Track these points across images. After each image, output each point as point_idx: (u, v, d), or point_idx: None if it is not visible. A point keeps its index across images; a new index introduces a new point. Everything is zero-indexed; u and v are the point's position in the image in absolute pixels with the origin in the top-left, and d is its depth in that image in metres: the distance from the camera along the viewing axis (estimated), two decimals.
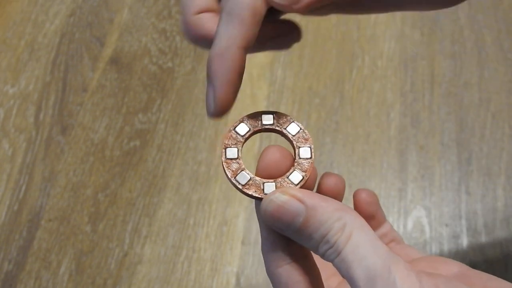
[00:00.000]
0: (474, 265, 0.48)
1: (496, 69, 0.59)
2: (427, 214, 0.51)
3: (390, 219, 0.51)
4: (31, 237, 0.50)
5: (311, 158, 0.24)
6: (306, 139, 0.25)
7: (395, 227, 0.50)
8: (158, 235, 0.50)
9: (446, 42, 0.61)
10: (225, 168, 0.24)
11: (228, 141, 0.25)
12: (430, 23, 0.62)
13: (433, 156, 0.54)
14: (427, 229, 0.50)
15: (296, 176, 0.24)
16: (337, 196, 0.27)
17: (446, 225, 0.50)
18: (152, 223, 0.51)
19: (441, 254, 0.49)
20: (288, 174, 0.24)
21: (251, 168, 0.24)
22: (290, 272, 0.23)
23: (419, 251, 0.29)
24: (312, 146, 0.25)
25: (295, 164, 0.24)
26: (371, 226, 0.29)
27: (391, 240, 0.29)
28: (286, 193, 0.23)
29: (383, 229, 0.29)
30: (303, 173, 0.24)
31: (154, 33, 0.62)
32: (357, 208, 0.29)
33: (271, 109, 0.57)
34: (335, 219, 0.22)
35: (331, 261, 0.22)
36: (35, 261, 0.49)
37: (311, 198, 0.22)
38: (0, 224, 0.51)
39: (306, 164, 0.24)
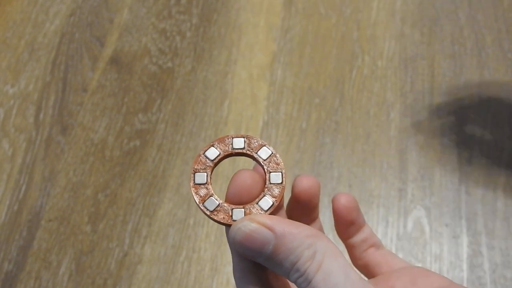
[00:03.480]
0: (474, 266, 0.48)
1: (496, 69, 0.59)
2: (427, 214, 0.51)
3: (390, 219, 0.51)
4: (31, 237, 0.50)
5: (282, 183, 0.24)
6: (278, 164, 0.25)
7: (395, 227, 0.50)
8: (158, 235, 0.50)
9: (446, 42, 0.61)
10: (193, 194, 0.24)
11: (197, 165, 0.25)
12: (430, 23, 0.62)
13: (433, 156, 0.54)
14: (427, 229, 0.50)
15: (266, 202, 0.24)
16: (312, 198, 0.27)
17: (446, 225, 0.50)
18: (152, 223, 0.51)
19: (441, 254, 0.49)
20: (257, 200, 0.24)
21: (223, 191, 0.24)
22: None
23: (400, 258, 0.28)
24: (284, 171, 0.24)
25: (266, 189, 0.24)
26: (351, 232, 0.28)
27: (371, 246, 0.29)
28: (254, 221, 0.22)
29: (363, 234, 0.28)
30: (273, 199, 0.24)
31: (154, 33, 0.62)
32: (336, 214, 0.28)
33: (270, 110, 0.57)
34: (305, 247, 0.21)
35: None
36: (35, 261, 0.49)
37: (281, 225, 0.22)
38: (0, 224, 0.51)
39: (276, 190, 0.24)
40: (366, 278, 0.28)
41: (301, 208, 0.27)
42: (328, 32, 0.62)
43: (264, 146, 0.25)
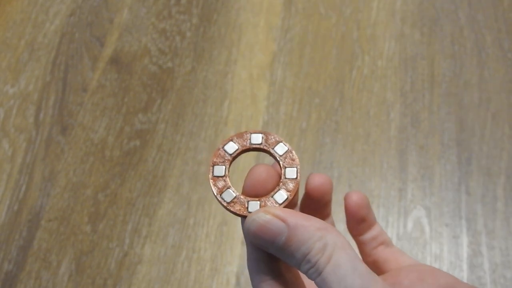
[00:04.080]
0: (474, 266, 0.48)
1: (496, 69, 0.59)
2: (427, 214, 0.51)
3: (390, 219, 0.51)
4: (31, 237, 0.50)
5: (296, 178, 0.25)
6: (293, 160, 0.26)
7: (395, 227, 0.50)
8: (158, 235, 0.50)
9: (446, 42, 0.61)
10: (212, 186, 0.25)
11: (216, 159, 0.26)
12: (430, 23, 0.62)
13: (433, 156, 0.54)
14: (427, 229, 0.50)
15: (280, 196, 0.25)
16: (324, 195, 0.27)
17: (446, 225, 0.50)
18: (152, 223, 0.51)
19: (441, 254, 0.49)
20: (273, 193, 0.25)
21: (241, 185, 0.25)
22: (274, 287, 0.24)
23: (409, 256, 0.29)
24: (299, 167, 0.25)
25: (281, 183, 0.25)
26: (362, 229, 0.29)
27: (381, 243, 0.29)
28: (268, 213, 0.23)
29: (373, 232, 0.29)
30: (288, 193, 0.25)
31: (154, 33, 0.62)
32: (348, 211, 0.28)
33: (270, 110, 0.57)
34: (316, 239, 0.22)
35: (313, 280, 0.22)
36: (35, 261, 0.49)
37: (294, 217, 0.23)
38: (0, 224, 0.51)
39: (291, 184, 0.25)
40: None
41: (314, 205, 0.28)
42: (328, 32, 0.62)
43: (281, 142, 0.26)
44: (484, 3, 0.63)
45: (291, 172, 0.25)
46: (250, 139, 0.26)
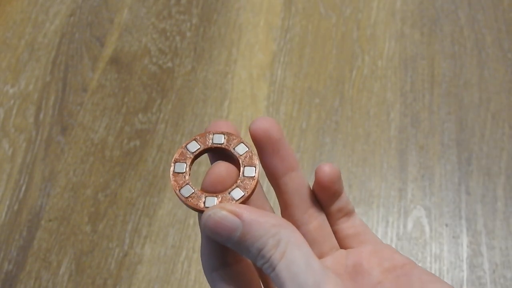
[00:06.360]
0: (474, 266, 0.48)
1: (496, 69, 0.59)
2: (427, 214, 0.51)
3: (390, 219, 0.51)
4: (31, 237, 0.50)
5: (254, 176, 0.26)
6: (252, 159, 0.26)
7: (395, 227, 0.50)
8: (158, 235, 0.50)
9: (446, 42, 0.61)
10: (172, 181, 0.26)
11: (178, 156, 0.27)
12: (430, 23, 0.62)
13: (433, 156, 0.54)
14: (427, 229, 0.50)
15: (237, 193, 0.25)
16: (268, 139, 0.26)
17: (446, 225, 0.50)
18: (152, 223, 0.51)
19: (441, 254, 0.49)
20: (230, 190, 0.25)
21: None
22: (224, 276, 0.25)
23: (370, 232, 0.28)
24: (257, 166, 0.26)
25: (239, 181, 0.26)
26: (331, 201, 0.28)
27: (345, 214, 0.29)
28: (224, 209, 0.24)
29: (340, 203, 0.28)
30: (245, 190, 0.25)
31: (154, 33, 0.62)
32: (319, 185, 0.27)
33: (270, 110, 0.57)
34: (270, 235, 0.23)
35: (268, 274, 0.23)
36: (35, 261, 0.49)
37: (249, 213, 0.23)
38: (0, 224, 0.51)
39: (249, 182, 0.26)
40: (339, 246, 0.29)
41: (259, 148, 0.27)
42: (328, 32, 0.62)
43: (242, 142, 0.27)
44: (484, 3, 0.63)
45: (249, 171, 0.26)
46: (212, 139, 0.27)
